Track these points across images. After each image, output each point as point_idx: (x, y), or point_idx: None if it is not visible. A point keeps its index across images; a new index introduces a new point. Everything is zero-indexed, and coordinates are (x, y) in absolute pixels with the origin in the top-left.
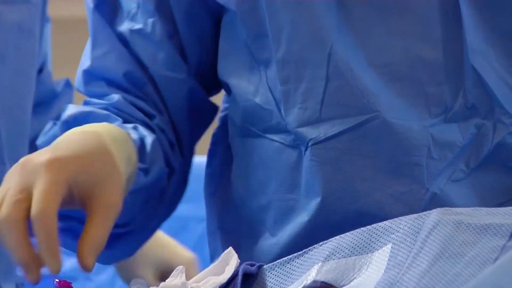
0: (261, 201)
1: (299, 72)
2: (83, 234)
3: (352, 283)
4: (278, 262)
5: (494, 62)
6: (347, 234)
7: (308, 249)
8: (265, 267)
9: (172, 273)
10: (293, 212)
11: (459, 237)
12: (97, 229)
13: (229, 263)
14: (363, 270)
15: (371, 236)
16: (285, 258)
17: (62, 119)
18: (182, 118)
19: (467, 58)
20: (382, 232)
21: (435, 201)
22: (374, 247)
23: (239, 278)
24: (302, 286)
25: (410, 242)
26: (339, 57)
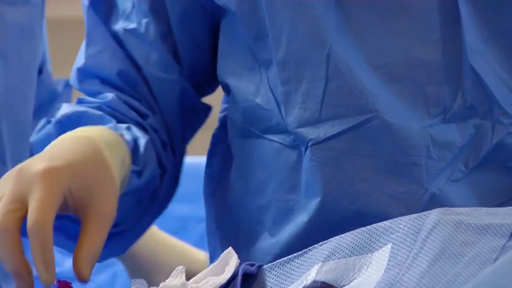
0: (260, 201)
1: (299, 72)
2: (78, 245)
3: (352, 283)
4: (278, 262)
5: (493, 62)
6: (347, 234)
7: (308, 249)
8: (265, 267)
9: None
10: (292, 212)
11: (459, 237)
12: (92, 240)
13: (229, 263)
14: (363, 270)
15: (371, 236)
16: (285, 258)
17: (56, 119)
18: (174, 118)
19: (466, 58)
20: (382, 232)
21: (434, 201)
22: (374, 247)
23: (239, 278)
24: (302, 286)
25: (410, 242)
26: (338, 57)
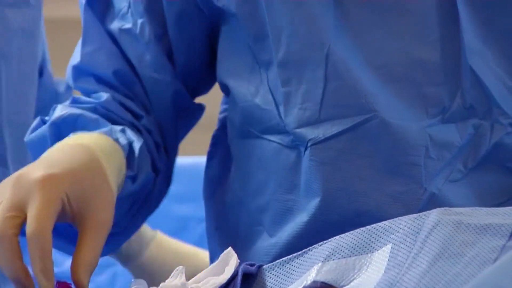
0: (259, 201)
1: (300, 73)
2: (76, 253)
3: (352, 284)
4: (277, 262)
5: (492, 62)
6: (347, 234)
7: (307, 249)
8: (264, 267)
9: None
10: (292, 212)
11: (459, 237)
12: (89, 247)
13: (228, 263)
14: (363, 271)
15: (371, 236)
16: (284, 258)
17: (51, 120)
18: (168, 119)
19: (465, 58)
20: (382, 232)
21: (433, 201)
22: (374, 247)
23: (239, 278)
24: (302, 286)
25: (410, 242)
26: (337, 57)
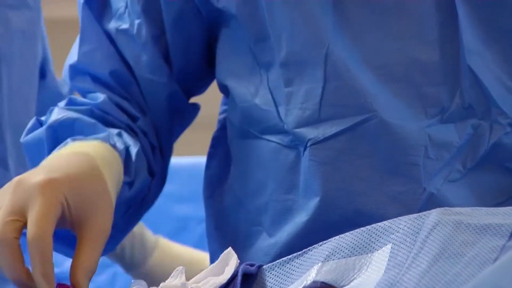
0: (259, 201)
1: (301, 73)
2: (75, 258)
3: (352, 284)
4: (277, 262)
5: (491, 63)
6: (347, 234)
7: (307, 249)
8: (264, 267)
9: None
10: (291, 212)
11: (459, 237)
12: (88, 253)
13: (228, 264)
14: (363, 271)
15: (371, 236)
16: (284, 258)
17: (48, 124)
18: (163, 120)
19: (464, 59)
20: (382, 232)
21: (432, 201)
22: (374, 247)
23: (239, 278)
24: (302, 286)
25: (410, 242)
26: (337, 57)
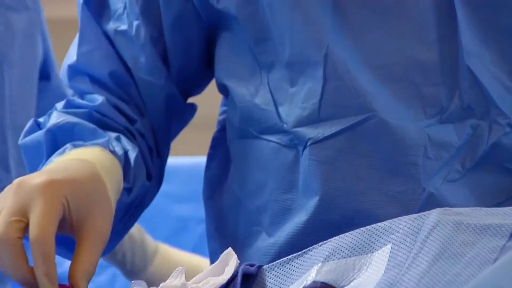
0: (258, 201)
1: (303, 73)
2: (74, 260)
3: (352, 284)
4: (277, 262)
5: (489, 63)
6: (347, 234)
7: (307, 249)
8: (264, 268)
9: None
10: (290, 212)
11: (459, 237)
12: (87, 256)
13: (228, 264)
14: (363, 271)
15: (371, 236)
16: (284, 259)
17: (47, 128)
18: (160, 121)
19: (463, 59)
20: (381, 232)
21: (431, 201)
22: (374, 248)
23: (239, 278)
24: (302, 286)
25: (410, 242)
26: (336, 57)
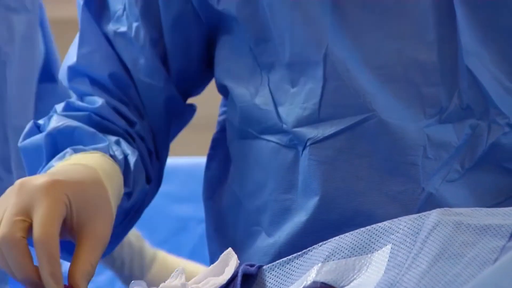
0: (257, 202)
1: (303, 73)
2: (74, 262)
3: (352, 284)
4: (277, 262)
5: (489, 63)
6: (347, 234)
7: (307, 249)
8: (264, 268)
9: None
10: (290, 212)
11: (459, 237)
12: (87, 257)
13: (228, 264)
14: (363, 271)
15: (371, 236)
16: (284, 259)
17: (47, 131)
18: (160, 123)
19: (462, 59)
20: (381, 232)
21: (431, 201)
22: (374, 248)
23: (239, 278)
24: (302, 286)
25: (410, 242)
26: (336, 57)
